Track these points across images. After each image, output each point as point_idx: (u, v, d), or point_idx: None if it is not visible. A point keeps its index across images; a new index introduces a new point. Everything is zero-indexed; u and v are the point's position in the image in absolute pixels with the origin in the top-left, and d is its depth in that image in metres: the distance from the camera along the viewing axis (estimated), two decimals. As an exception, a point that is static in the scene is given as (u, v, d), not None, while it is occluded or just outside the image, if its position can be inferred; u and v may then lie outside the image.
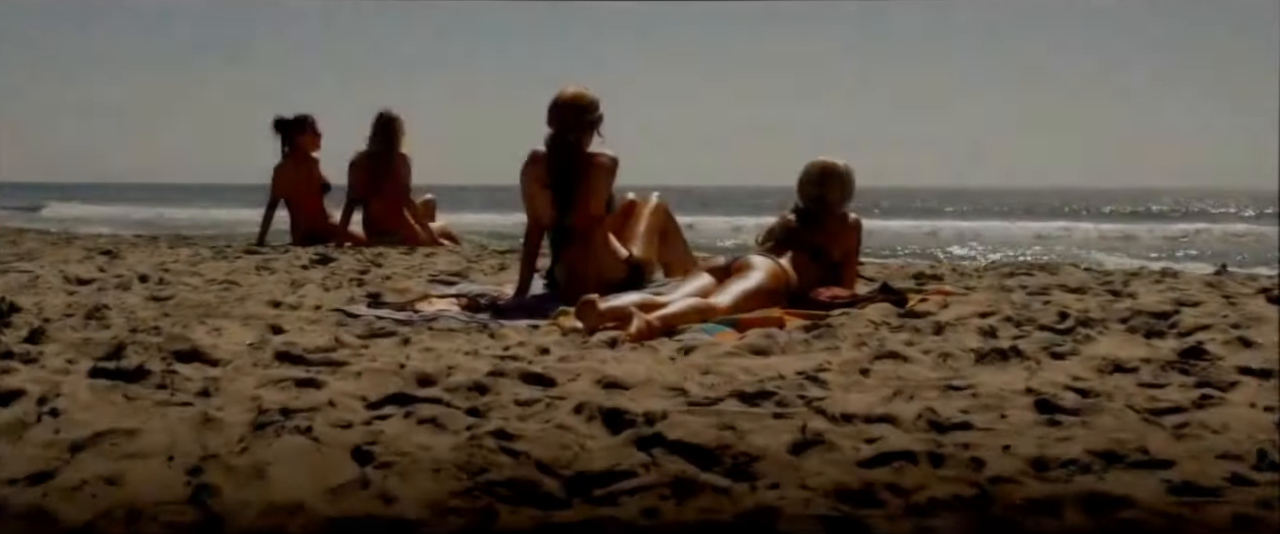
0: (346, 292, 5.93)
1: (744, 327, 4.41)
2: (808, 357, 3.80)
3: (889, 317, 4.65)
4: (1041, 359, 3.63)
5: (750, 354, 3.90)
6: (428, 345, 4.15)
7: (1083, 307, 4.84)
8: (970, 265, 7.73)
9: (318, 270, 7.10)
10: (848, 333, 4.23)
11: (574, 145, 5.40)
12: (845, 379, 3.40)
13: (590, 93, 5.52)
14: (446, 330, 4.55)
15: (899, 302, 4.90)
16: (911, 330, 4.33)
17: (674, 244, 6.07)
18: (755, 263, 4.99)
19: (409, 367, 3.63)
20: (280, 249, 8.95)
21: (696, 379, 3.47)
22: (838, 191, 5.34)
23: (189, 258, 7.96)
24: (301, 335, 4.36)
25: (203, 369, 3.54)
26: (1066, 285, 5.93)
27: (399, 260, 7.79)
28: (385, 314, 4.97)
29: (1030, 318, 4.51)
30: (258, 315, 4.96)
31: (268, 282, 6.39)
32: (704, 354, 3.93)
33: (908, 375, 3.42)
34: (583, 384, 3.38)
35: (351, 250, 8.67)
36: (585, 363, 3.75)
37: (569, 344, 4.14)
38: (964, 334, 4.18)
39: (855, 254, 5.37)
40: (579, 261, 5.48)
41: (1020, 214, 33.09)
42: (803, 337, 4.20)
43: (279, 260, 7.81)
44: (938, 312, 4.78)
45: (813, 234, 5.26)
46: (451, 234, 10.18)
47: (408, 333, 4.45)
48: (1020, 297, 5.29)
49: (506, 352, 3.94)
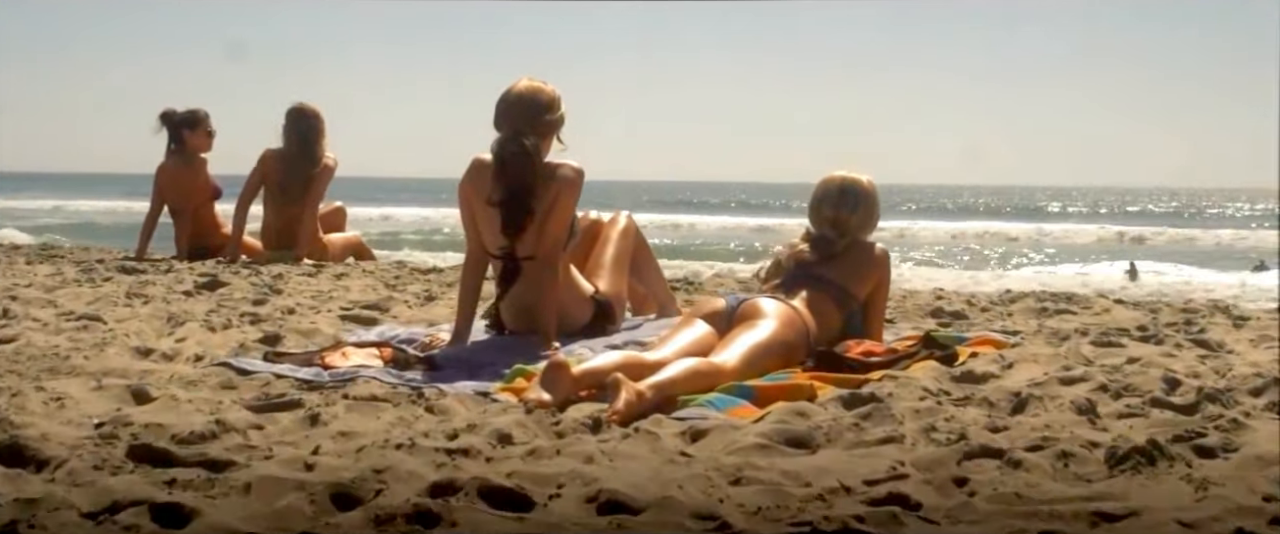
0: (237, 331, 4.96)
1: (765, 398, 3.52)
2: (869, 453, 2.93)
3: (943, 380, 3.80)
4: (1192, 461, 2.79)
5: (787, 446, 3.01)
6: (344, 427, 3.22)
7: (1178, 365, 4.02)
8: (985, 295, 6.90)
9: (203, 298, 6.10)
10: (903, 407, 3.37)
11: (529, 153, 4.47)
12: (939, 497, 2.54)
13: (550, 87, 4.60)
14: (368, 399, 3.62)
15: (948, 358, 4.04)
16: (983, 404, 3.47)
17: (646, 273, 5.18)
18: (765, 308, 4.10)
19: (319, 469, 2.71)
20: (161, 265, 7.93)
21: (727, 492, 2.59)
22: (862, 214, 4.47)
23: (46, 280, 6.91)
24: (172, 410, 3.41)
25: (20, 480, 2.58)
26: (1125, 328, 5.12)
27: (302, 285, 6.81)
28: (286, 371, 4.02)
29: (1127, 384, 3.68)
30: (118, 371, 4.00)
31: (140, 315, 5.40)
32: (723, 445, 3.04)
33: (1025, 490, 2.55)
34: (570, 505, 2.50)
35: (246, 268, 7.67)
36: (565, 461, 2.85)
37: (536, 427, 3.22)
38: (1057, 412, 3.33)
39: (884, 294, 4.50)
40: (531, 299, 4.56)
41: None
42: (845, 415, 3.32)
43: (157, 282, 6.80)
44: (1000, 373, 3.93)
45: (832, 269, 4.38)
46: (364, 248, 9.22)
47: (316, 402, 3.51)
48: (1085, 347, 4.45)
49: (453, 441, 3.02)
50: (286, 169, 8.46)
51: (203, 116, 8.85)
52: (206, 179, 8.82)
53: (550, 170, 4.53)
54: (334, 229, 9.02)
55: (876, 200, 4.53)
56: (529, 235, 4.53)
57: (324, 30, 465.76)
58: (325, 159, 8.49)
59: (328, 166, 8.51)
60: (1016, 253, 19.79)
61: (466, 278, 4.68)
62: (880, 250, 4.49)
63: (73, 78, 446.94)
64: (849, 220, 4.45)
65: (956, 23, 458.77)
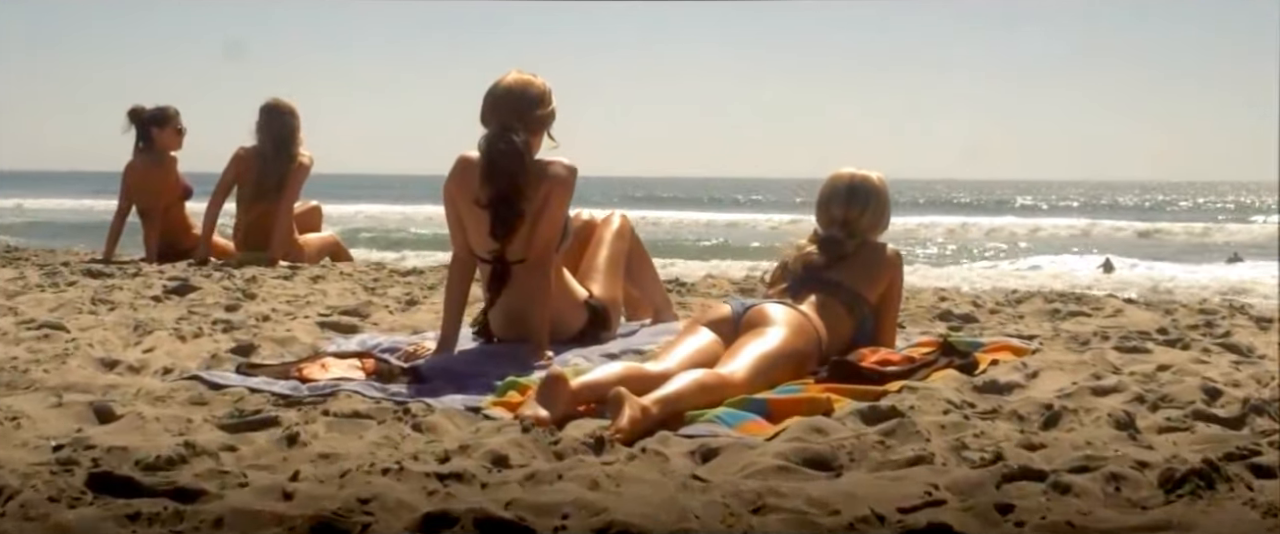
0: (209, 340, 4.73)
1: (778, 413, 3.31)
2: (898, 475, 2.72)
3: (966, 391, 3.59)
4: (1251, 482, 2.58)
5: (808, 468, 2.80)
6: (325, 448, 3.00)
7: (1213, 373, 3.83)
8: (990, 295, 6.70)
9: (173, 304, 5.87)
10: (927, 422, 3.16)
11: (519, 150, 4.25)
12: (983, 527, 2.33)
13: (540, 80, 4.37)
14: (350, 415, 3.40)
15: (968, 366, 3.84)
16: (1012, 418, 3.27)
17: (641, 276, 4.96)
18: (773, 315, 3.88)
19: (299, 498, 2.48)
20: (129, 268, 7.67)
21: (749, 522, 2.39)
22: (873, 213, 4.26)
23: (7, 284, 6.65)
24: (138, 430, 3.19)
25: (-33, 515, 2.35)
26: (1145, 331, 4.93)
27: (277, 288, 6.57)
28: (261, 385, 3.79)
29: (1164, 395, 3.48)
30: (80, 386, 3.77)
31: (105, 322, 5.16)
32: (739, 466, 2.83)
33: (1077, 518, 2.35)
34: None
35: (218, 271, 7.42)
36: (568, 487, 2.63)
37: (534, 446, 3.00)
38: (1094, 427, 3.13)
39: (897, 298, 4.29)
40: (522, 305, 4.34)
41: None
42: (867, 431, 3.11)
43: (125, 287, 6.55)
44: (1026, 382, 3.73)
45: (841, 271, 4.16)
46: (341, 248, 8.97)
47: (295, 420, 3.29)
48: (1110, 353, 4.26)
49: (445, 464, 2.80)
50: (261, 167, 8.22)
51: (172, 114, 8.60)
52: (176, 178, 8.58)
53: (541, 169, 4.31)
54: (310, 229, 8.77)
55: (887, 198, 4.31)
56: (519, 238, 4.30)
57: (303, 22, 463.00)
58: (301, 157, 8.25)
59: (303, 164, 8.27)
60: (984, 246, 19.94)
61: (452, 283, 4.45)
62: (892, 251, 4.28)
63: (38, 72, 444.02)
64: (859, 220, 4.24)
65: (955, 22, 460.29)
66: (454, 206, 4.39)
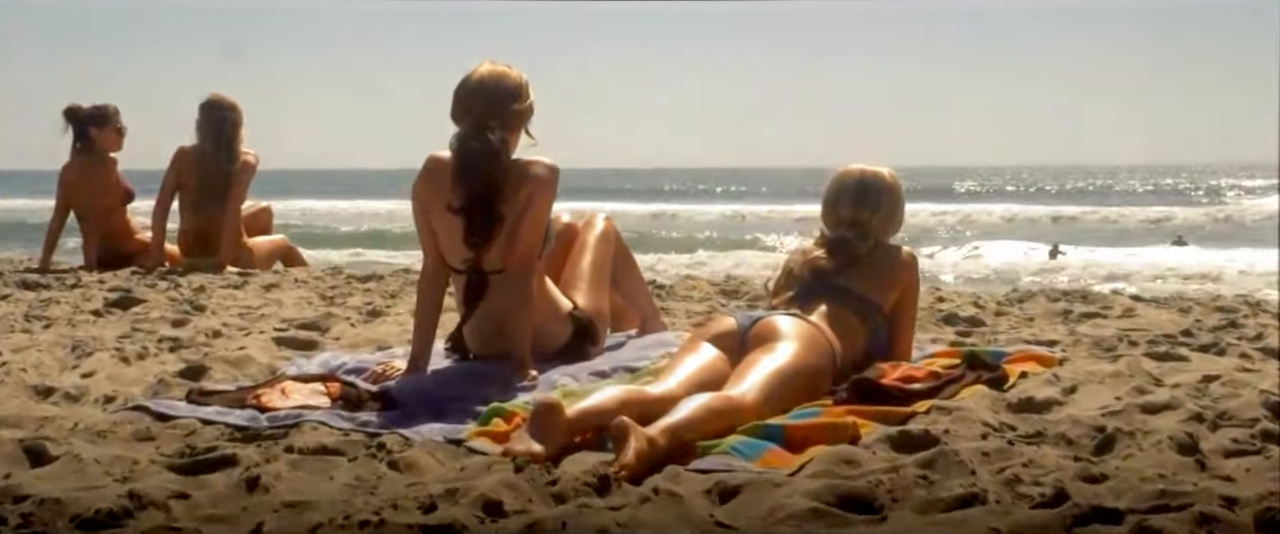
0: (155, 362, 4.38)
1: (798, 440, 3.01)
2: (952, 520, 2.42)
3: (1000, 410, 3.30)
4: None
5: (845, 509, 2.50)
6: (291, 493, 2.67)
7: (1267, 384, 3.56)
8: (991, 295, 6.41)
9: (114, 319, 5.50)
10: (967, 449, 2.86)
11: (495, 149, 3.92)
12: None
13: (515, 72, 4.04)
14: (317, 451, 3.06)
15: (997, 381, 3.55)
16: (1060, 442, 2.98)
17: (627, 282, 4.64)
18: (782, 328, 3.56)
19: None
20: (68, 279, 7.28)
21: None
22: (885, 213, 3.96)
23: (-65, 299, 6.25)
24: (75, 473, 2.85)
25: None
26: (1169, 334, 4.66)
27: (228, 299, 6.20)
28: (214, 416, 3.45)
29: (1221, 411, 3.21)
30: (11, 420, 3.43)
31: (41, 341, 4.80)
32: (765, 508, 2.53)
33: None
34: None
35: (163, 281, 7.04)
36: (575, 539, 2.31)
37: (530, 488, 2.67)
38: (1155, 451, 2.84)
39: (913, 304, 3.99)
40: (501, 319, 4.01)
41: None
42: (903, 461, 2.81)
43: (62, 301, 6.17)
44: (1063, 398, 3.45)
45: (851, 277, 3.86)
46: (293, 251, 8.60)
47: (254, 458, 2.96)
48: (1144, 361, 3.98)
49: (431, 515, 2.48)
50: (203, 168, 7.85)
51: (112, 112, 8.18)
52: (117, 180, 8.17)
53: (520, 169, 3.98)
54: (259, 231, 8.40)
55: (900, 196, 4.02)
56: (497, 246, 3.97)
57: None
58: (245, 156, 7.88)
59: (248, 164, 7.90)
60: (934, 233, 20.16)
61: (423, 295, 4.11)
62: (907, 253, 3.98)
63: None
64: (870, 220, 3.94)
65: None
66: (424, 211, 4.06)
